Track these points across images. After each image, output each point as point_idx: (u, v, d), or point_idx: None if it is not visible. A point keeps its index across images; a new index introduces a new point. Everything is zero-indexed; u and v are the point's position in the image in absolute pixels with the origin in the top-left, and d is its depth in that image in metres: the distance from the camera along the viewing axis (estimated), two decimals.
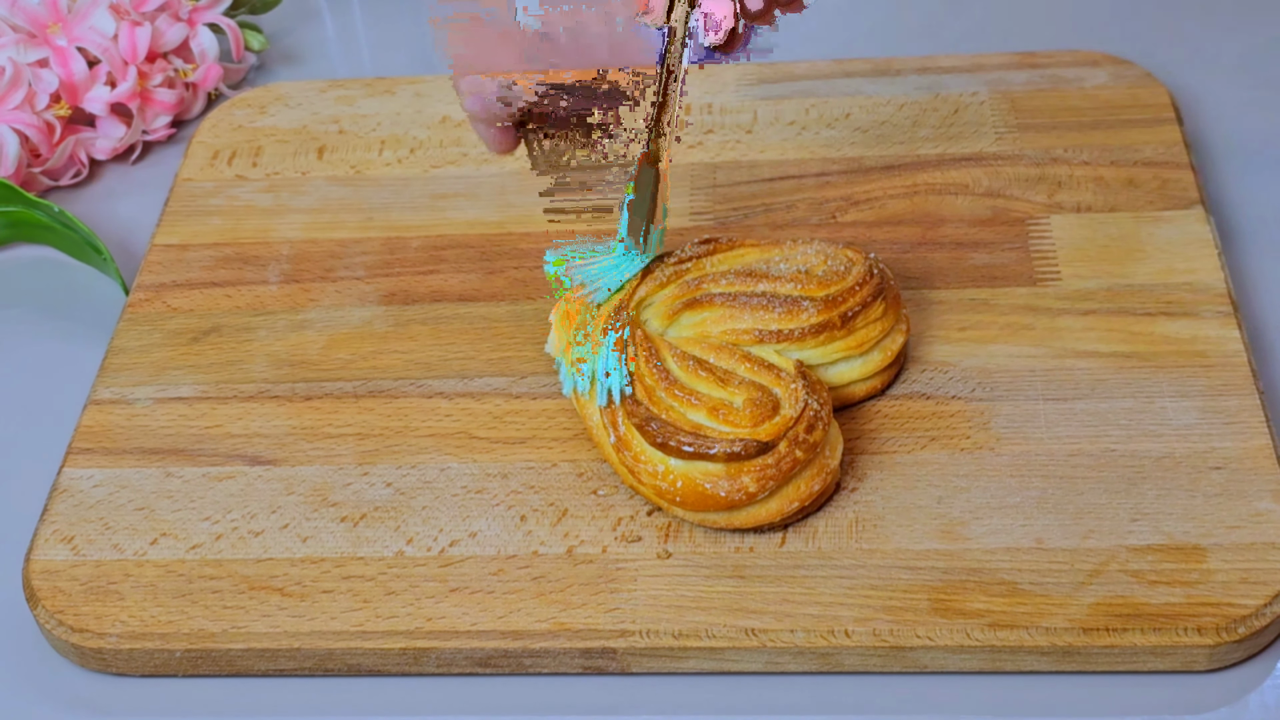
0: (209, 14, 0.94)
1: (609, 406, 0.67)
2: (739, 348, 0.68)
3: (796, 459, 0.64)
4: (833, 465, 0.66)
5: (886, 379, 0.71)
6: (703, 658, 0.63)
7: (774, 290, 0.70)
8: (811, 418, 0.65)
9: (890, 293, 0.71)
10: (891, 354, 0.71)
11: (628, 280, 0.70)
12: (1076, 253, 0.77)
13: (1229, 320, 0.73)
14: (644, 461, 0.66)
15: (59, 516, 0.70)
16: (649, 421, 0.65)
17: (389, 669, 0.65)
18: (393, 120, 0.89)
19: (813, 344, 0.69)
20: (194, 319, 0.79)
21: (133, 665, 0.65)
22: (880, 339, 0.70)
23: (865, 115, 0.86)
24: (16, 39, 0.88)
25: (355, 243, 0.82)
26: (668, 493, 0.65)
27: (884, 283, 0.71)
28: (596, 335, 0.68)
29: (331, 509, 0.69)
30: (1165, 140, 0.82)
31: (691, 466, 0.65)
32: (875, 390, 0.71)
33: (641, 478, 0.66)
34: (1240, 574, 0.63)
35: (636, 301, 0.70)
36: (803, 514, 0.66)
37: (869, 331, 0.70)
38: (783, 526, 0.66)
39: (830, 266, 0.71)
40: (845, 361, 0.70)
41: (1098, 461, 0.68)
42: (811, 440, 0.65)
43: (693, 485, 0.65)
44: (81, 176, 0.91)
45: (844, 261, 0.71)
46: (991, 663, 0.63)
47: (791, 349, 0.69)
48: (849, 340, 0.69)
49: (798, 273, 0.71)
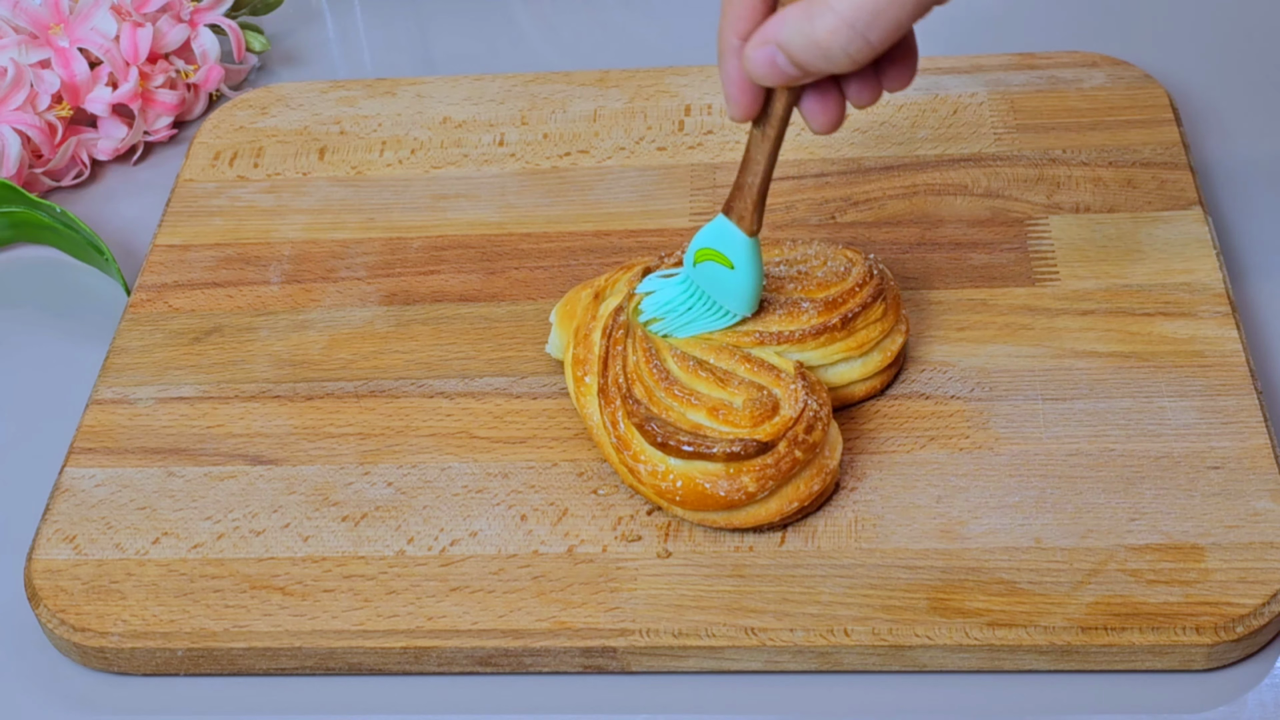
0: (210, 15, 0.94)
1: (607, 405, 0.67)
2: (739, 349, 0.69)
3: (796, 459, 0.65)
4: (832, 465, 0.67)
5: (886, 379, 0.71)
6: (703, 657, 0.63)
7: (774, 292, 0.70)
8: (811, 418, 0.65)
9: (890, 293, 0.71)
10: (891, 354, 0.71)
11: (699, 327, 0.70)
12: (1075, 253, 0.77)
13: (1227, 320, 0.73)
14: (644, 461, 0.66)
15: (61, 516, 0.70)
16: (649, 421, 0.66)
17: (390, 668, 0.65)
18: (394, 121, 0.89)
19: (813, 345, 0.69)
20: (196, 319, 0.79)
21: (134, 664, 0.66)
22: (880, 340, 0.70)
23: (864, 116, 0.86)
24: (18, 40, 0.88)
25: (356, 243, 0.82)
26: (667, 492, 0.65)
27: (884, 284, 0.71)
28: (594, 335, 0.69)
29: (333, 508, 0.69)
30: (1164, 141, 0.83)
31: (691, 466, 0.65)
32: (875, 390, 0.71)
33: (641, 477, 0.66)
34: (1238, 573, 0.63)
35: (636, 302, 0.70)
36: (802, 514, 0.66)
37: (869, 332, 0.70)
38: (782, 526, 0.66)
39: (830, 268, 0.71)
40: (845, 362, 0.70)
41: (1096, 461, 0.68)
42: (811, 440, 0.65)
43: (692, 485, 0.65)
44: (83, 177, 0.91)
45: (844, 262, 0.72)
46: (990, 662, 0.63)
47: (792, 350, 0.69)
48: (849, 341, 0.70)
49: (797, 274, 0.71)
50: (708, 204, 0.82)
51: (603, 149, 0.86)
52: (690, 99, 0.89)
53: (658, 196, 0.83)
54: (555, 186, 0.84)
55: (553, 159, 0.86)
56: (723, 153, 0.85)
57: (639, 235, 0.81)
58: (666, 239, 0.80)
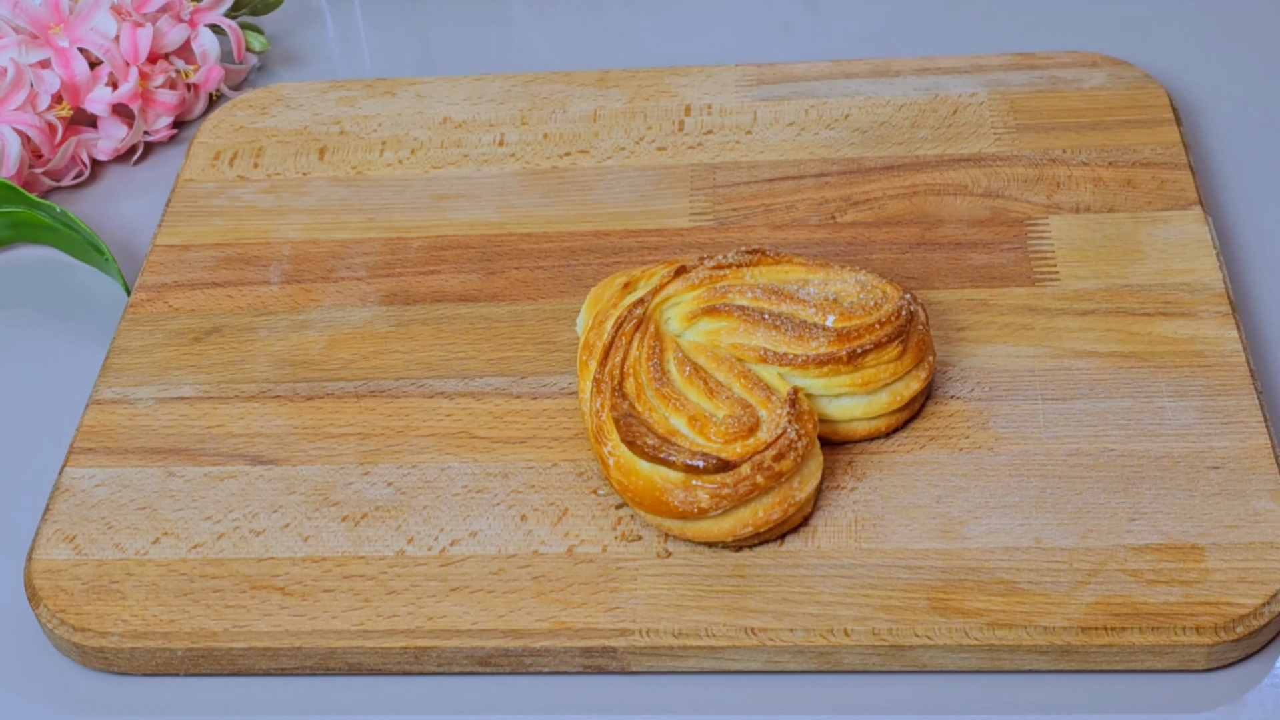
0: (210, 15, 0.94)
1: (597, 395, 0.67)
2: (742, 363, 0.68)
3: (756, 484, 0.64)
4: (799, 498, 0.65)
5: (894, 422, 0.69)
6: (703, 657, 0.63)
7: (794, 313, 0.69)
8: (785, 446, 0.64)
9: (915, 337, 0.69)
10: (903, 399, 0.69)
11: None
12: (1075, 253, 0.77)
13: (1227, 320, 0.73)
14: (615, 455, 0.66)
15: (61, 516, 0.70)
16: (626, 416, 0.66)
17: (390, 668, 0.65)
18: (394, 121, 0.89)
19: (815, 373, 0.68)
20: (196, 319, 0.79)
21: (134, 664, 0.66)
22: (890, 381, 0.69)
23: (864, 116, 0.86)
24: (19, 40, 0.88)
25: (356, 243, 0.82)
26: (628, 489, 0.65)
27: (908, 326, 0.69)
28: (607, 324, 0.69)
29: (333, 508, 0.69)
30: (1163, 141, 0.83)
31: (655, 470, 0.65)
32: (879, 432, 0.69)
33: (611, 470, 0.66)
34: (1238, 573, 0.63)
35: (663, 298, 0.70)
36: (759, 539, 0.66)
37: (878, 372, 0.68)
38: (736, 548, 0.66)
39: (861, 298, 0.70)
40: (850, 397, 0.69)
41: (1096, 461, 0.68)
42: (777, 469, 0.64)
43: (651, 487, 0.65)
44: (83, 177, 0.91)
45: (878, 296, 0.70)
46: (990, 662, 0.63)
47: (794, 374, 0.68)
48: (854, 376, 0.68)
49: (825, 299, 0.70)
50: (707, 204, 0.82)
51: (603, 149, 0.86)
52: (690, 99, 0.89)
53: (658, 196, 0.83)
54: (555, 186, 0.84)
55: (553, 159, 0.86)
56: (723, 153, 0.85)
57: (639, 235, 0.81)
58: (666, 239, 0.80)
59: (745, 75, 0.90)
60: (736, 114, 0.87)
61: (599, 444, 0.67)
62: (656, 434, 0.65)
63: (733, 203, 0.82)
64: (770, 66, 0.90)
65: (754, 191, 0.83)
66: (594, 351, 0.69)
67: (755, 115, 0.87)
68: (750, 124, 0.87)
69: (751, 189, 0.83)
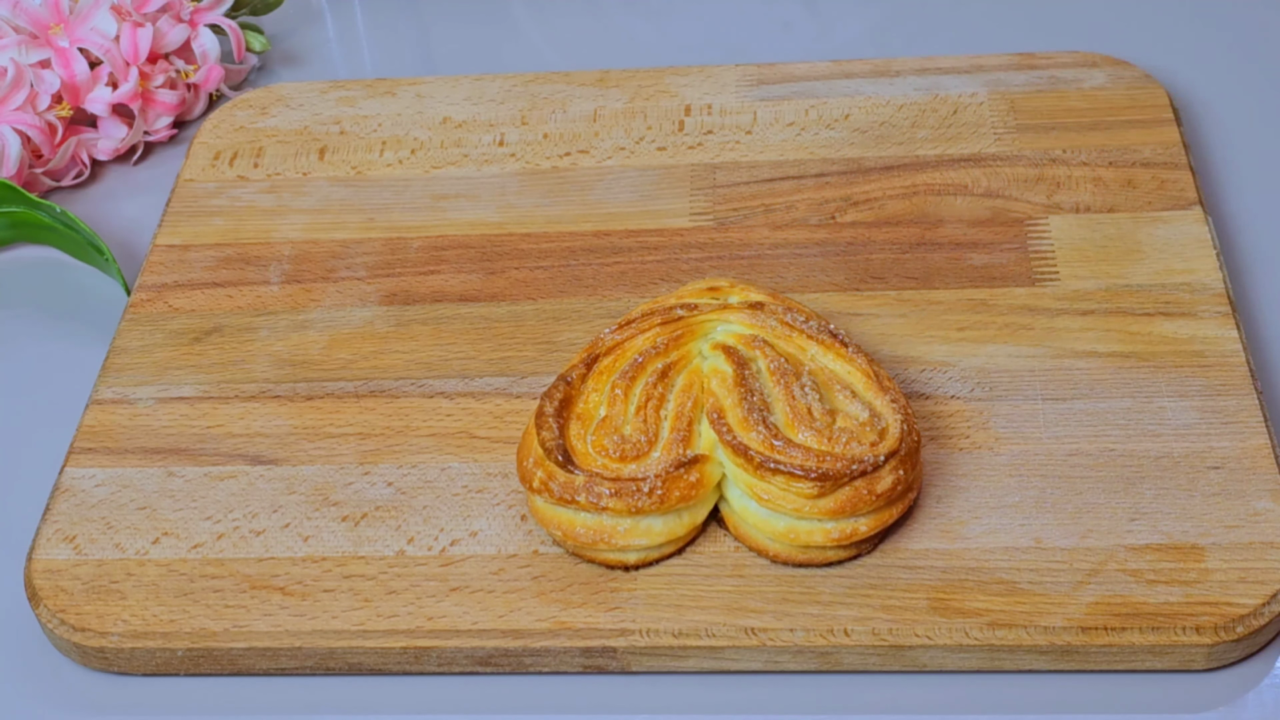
0: (210, 15, 0.94)
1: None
2: (700, 410, 0.66)
3: (536, 507, 0.66)
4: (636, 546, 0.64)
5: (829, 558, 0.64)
6: (703, 657, 0.63)
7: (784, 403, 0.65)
8: (597, 498, 0.64)
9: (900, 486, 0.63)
10: (844, 536, 0.63)
11: None
12: (1075, 253, 0.77)
13: (1227, 320, 0.73)
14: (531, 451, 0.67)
15: (61, 516, 0.70)
16: (554, 388, 0.66)
17: (390, 668, 0.65)
18: (394, 121, 0.89)
19: (748, 472, 0.64)
20: (196, 319, 0.79)
21: (134, 664, 0.66)
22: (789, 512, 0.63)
23: (864, 116, 0.86)
24: (18, 40, 0.88)
25: (356, 243, 0.82)
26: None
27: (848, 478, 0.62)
28: None
29: (333, 508, 0.69)
30: (1163, 141, 0.83)
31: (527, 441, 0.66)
32: (793, 560, 0.64)
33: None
34: (1238, 573, 0.63)
35: (721, 318, 0.68)
36: None
37: (785, 496, 0.63)
38: None
39: (859, 420, 0.64)
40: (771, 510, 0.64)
41: (1096, 461, 0.68)
42: (561, 495, 0.64)
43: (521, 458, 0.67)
44: (83, 177, 0.91)
45: (875, 430, 0.64)
46: (990, 662, 0.63)
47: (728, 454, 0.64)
48: (761, 486, 0.63)
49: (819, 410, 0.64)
50: (707, 204, 0.82)
51: (603, 149, 0.86)
52: (690, 99, 0.89)
53: (658, 196, 0.83)
54: (555, 186, 0.84)
55: (553, 159, 0.86)
56: (723, 153, 0.85)
57: (639, 235, 0.81)
58: (666, 239, 0.80)
59: (745, 75, 0.90)
60: (736, 114, 0.87)
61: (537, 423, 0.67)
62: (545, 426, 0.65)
63: (733, 203, 0.82)
64: (770, 66, 0.90)
65: (754, 191, 0.83)
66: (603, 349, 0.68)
67: (755, 115, 0.87)
68: (750, 124, 0.87)
69: (751, 189, 0.83)
